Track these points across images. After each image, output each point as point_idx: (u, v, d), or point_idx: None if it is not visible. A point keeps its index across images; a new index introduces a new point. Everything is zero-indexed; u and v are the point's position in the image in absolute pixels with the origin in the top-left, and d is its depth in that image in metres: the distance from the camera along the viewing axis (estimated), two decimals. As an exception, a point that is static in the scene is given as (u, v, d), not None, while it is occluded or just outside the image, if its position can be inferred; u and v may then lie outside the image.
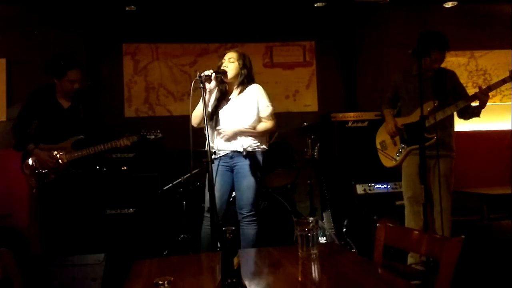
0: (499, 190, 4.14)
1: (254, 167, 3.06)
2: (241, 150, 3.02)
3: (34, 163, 3.39)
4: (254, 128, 3.07)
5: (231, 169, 3.10)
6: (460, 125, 3.55)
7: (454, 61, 5.11)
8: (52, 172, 3.40)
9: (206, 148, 3.01)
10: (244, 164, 3.05)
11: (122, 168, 4.18)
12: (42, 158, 3.36)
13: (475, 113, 3.38)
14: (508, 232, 3.51)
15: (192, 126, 3.01)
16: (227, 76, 2.99)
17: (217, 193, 2.91)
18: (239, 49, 3.20)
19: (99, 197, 3.88)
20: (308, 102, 5.20)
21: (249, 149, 3.04)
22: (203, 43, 4.99)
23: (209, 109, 3.07)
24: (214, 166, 3.06)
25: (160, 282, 1.05)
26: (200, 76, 2.79)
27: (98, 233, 3.71)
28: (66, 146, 3.46)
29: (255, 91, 3.11)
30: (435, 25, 4.97)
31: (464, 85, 3.60)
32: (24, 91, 4.55)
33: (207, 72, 2.84)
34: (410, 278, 1.53)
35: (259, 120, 3.10)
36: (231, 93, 3.13)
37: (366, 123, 4.44)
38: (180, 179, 4.13)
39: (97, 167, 3.88)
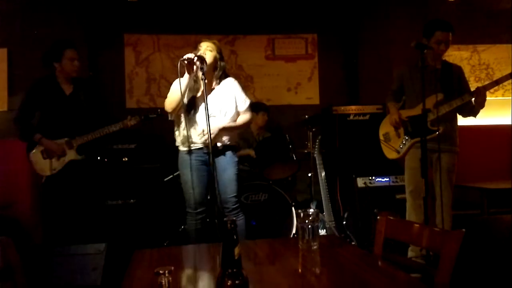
0: (500, 185, 4.14)
1: (232, 160, 3.05)
2: (219, 145, 2.99)
3: (42, 152, 3.44)
4: (235, 121, 3.07)
5: (206, 163, 3.02)
6: (461, 119, 3.55)
7: (457, 55, 5.09)
8: (59, 160, 3.44)
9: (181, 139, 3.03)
10: (221, 159, 3.01)
11: (123, 159, 4.18)
12: (50, 146, 3.42)
13: (473, 111, 3.37)
14: (508, 227, 3.52)
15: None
16: (205, 62, 2.81)
17: (196, 189, 2.91)
18: (216, 41, 3.11)
19: (101, 188, 3.88)
20: (310, 95, 5.20)
21: (226, 143, 3.03)
22: (205, 34, 4.96)
23: (185, 98, 2.97)
24: (184, 161, 3.04)
25: (160, 271, 1.05)
26: (184, 59, 2.77)
27: (99, 223, 3.71)
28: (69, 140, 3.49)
29: (232, 85, 3.08)
30: (438, 19, 4.96)
31: (467, 79, 3.59)
32: (25, 81, 4.54)
33: (189, 55, 2.80)
34: (410, 271, 1.53)
35: (237, 114, 3.08)
36: (208, 85, 3.01)
37: (367, 117, 4.43)
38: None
39: (99, 158, 3.87)
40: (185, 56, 2.80)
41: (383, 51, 5.01)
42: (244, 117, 3.10)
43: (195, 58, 2.79)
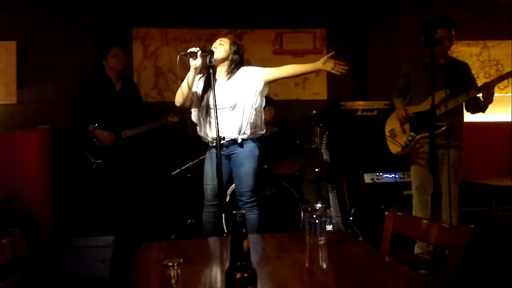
0: (508, 182, 4.11)
1: (251, 154, 3.02)
2: (237, 137, 2.98)
3: (95, 141, 3.83)
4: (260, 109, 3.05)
5: (227, 157, 3.06)
6: (469, 116, 3.53)
7: (466, 51, 5.05)
8: (110, 149, 3.83)
9: (203, 135, 3.06)
10: (240, 152, 3.01)
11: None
12: (102, 136, 3.80)
13: (481, 107, 3.35)
14: (516, 224, 3.50)
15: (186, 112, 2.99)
16: (213, 56, 2.82)
17: (215, 182, 2.89)
18: (232, 36, 3.09)
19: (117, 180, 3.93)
20: (318, 90, 5.18)
21: (244, 136, 3.00)
22: (213, 28, 4.97)
23: (195, 89, 3.00)
24: (209, 155, 3.08)
25: (169, 263, 1.06)
26: (185, 53, 2.75)
27: (107, 216, 3.75)
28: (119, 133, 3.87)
29: (244, 71, 3.03)
30: (448, 14, 4.90)
31: (476, 75, 3.58)
32: (34, 74, 4.60)
33: (192, 49, 2.77)
34: (417, 267, 1.53)
35: (261, 99, 3.04)
36: (219, 79, 3.03)
37: (375, 112, 4.41)
38: (188, 165, 4.14)
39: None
40: (188, 50, 2.78)
41: (391, 47, 4.97)
42: (288, 66, 3.04)
43: (199, 52, 2.78)
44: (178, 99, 2.96)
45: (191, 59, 2.81)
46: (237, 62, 3.02)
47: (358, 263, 1.54)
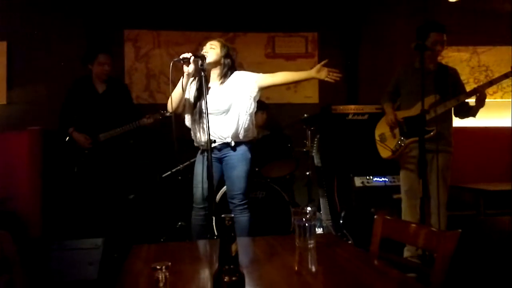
0: (498, 186, 4.15)
1: (243, 157, 3.05)
2: (229, 141, 2.99)
3: (74, 143, 3.80)
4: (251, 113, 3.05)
5: (219, 161, 3.08)
6: (460, 121, 3.56)
7: (456, 57, 5.10)
8: (89, 150, 3.81)
9: (195, 138, 3.06)
10: (233, 155, 3.03)
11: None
12: (78, 139, 3.79)
13: (471, 112, 3.39)
14: (504, 228, 3.54)
15: (176, 115, 2.93)
16: (205, 60, 2.83)
17: (205, 185, 2.88)
18: (223, 39, 3.10)
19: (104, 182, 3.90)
20: (309, 93, 5.19)
21: (238, 140, 3.01)
22: (205, 31, 4.96)
23: (187, 95, 3.00)
24: (200, 158, 3.08)
25: (157, 266, 1.05)
26: (178, 59, 2.76)
27: (96, 218, 3.73)
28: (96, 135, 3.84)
29: (238, 76, 3.02)
30: (438, 19, 4.95)
31: (466, 81, 3.62)
32: (24, 75, 4.57)
33: (185, 55, 2.77)
34: (406, 271, 1.54)
35: (254, 103, 3.04)
36: (212, 83, 3.04)
37: (366, 116, 4.43)
38: (178, 167, 4.13)
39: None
40: (181, 56, 2.78)
41: (383, 51, 5.01)
42: (280, 73, 3.03)
43: (192, 58, 2.78)
44: (171, 105, 2.92)
45: (184, 65, 2.81)
46: (229, 65, 3.03)
47: (347, 267, 1.55)
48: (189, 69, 2.82)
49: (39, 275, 3.02)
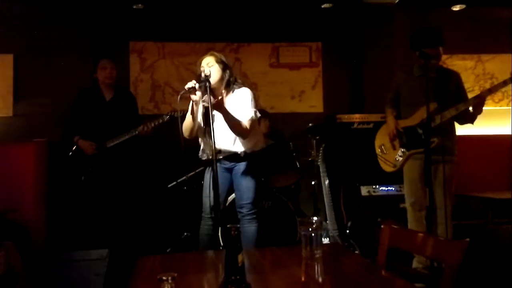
0: (504, 195, 4.10)
1: (253, 168, 3.08)
2: (239, 152, 3.03)
3: (79, 152, 3.80)
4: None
5: (229, 170, 3.11)
6: (467, 129, 3.52)
7: (461, 65, 5.09)
8: (95, 158, 3.79)
9: (203, 152, 3.10)
10: (242, 165, 3.06)
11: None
12: (83, 146, 3.79)
13: (469, 119, 3.30)
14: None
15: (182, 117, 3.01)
16: (210, 81, 2.83)
17: (213, 194, 2.89)
18: (213, 52, 3.07)
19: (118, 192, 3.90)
20: (314, 103, 5.20)
21: (247, 151, 3.04)
22: (210, 42, 5.00)
23: (199, 119, 3.03)
24: (210, 168, 3.09)
25: (164, 277, 1.05)
26: (184, 91, 2.78)
27: (101, 229, 3.72)
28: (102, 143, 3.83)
29: (243, 95, 3.02)
30: (443, 28, 4.95)
31: (471, 88, 3.58)
32: (30, 87, 4.60)
33: (190, 84, 2.78)
34: (414, 281, 1.52)
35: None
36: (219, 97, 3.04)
37: (371, 125, 4.42)
38: (184, 177, 4.13)
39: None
40: (186, 87, 2.79)
41: (387, 59, 5.01)
42: (242, 124, 2.98)
43: (197, 85, 2.79)
44: (186, 132, 3.02)
45: (190, 95, 2.83)
46: (229, 76, 3.03)
47: (354, 277, 1.53)
48: (196, 97, 2.84)
49: (44, 287, 3.01)
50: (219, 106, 2.82)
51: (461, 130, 3.49)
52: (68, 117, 3.93)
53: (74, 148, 3.82)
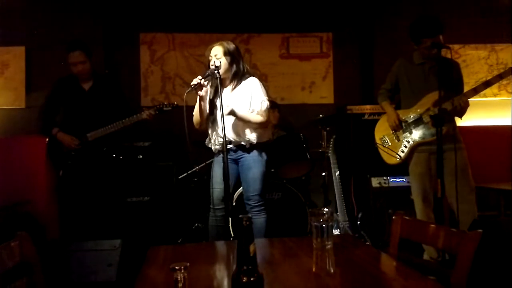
0: (506, 186, 4.03)
1: (259, 158, 3.08)
2: (245, 143, 3.04)
3: (59, 145, 3.60)
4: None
5: (235, 162, 3.11)
6: (474, 120, 3.44)
7: (474, 54, 5.03)
8: (76, 152, 3.60)
9: (210, 141, 3.13)
10: (248, 156, 3.06)
11: (138, 156, 4.21)
12: (63, 140, 3.58)
13: (460, 112, 3.22)
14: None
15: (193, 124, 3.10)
16: (219, 73, 2.84)
17: (222, 186, 2.91)
18: (222, 42, 3.06)
19: (118, 185, 3.90)
20: (324, 94, 5.17)
21: (253, 141, 3.04)
22: (219, 33, 4.98)
23: (207, 111, 3.07)
24: (217, 160, 3.13)
25: (176, 267, 1.06)
26: (191, 88, 2.82)
27: (114, 220, 3.75)
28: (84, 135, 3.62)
29: (251, 84, 3.04)
30: (455, 17, 4.89)
31: (484, 78, 3.51)
32: (43, 79, 4.63)
33: (195, 81, 2.82)
34: (425, 273, 1.52)
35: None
36: (225, 88, 3.08)
37: (382, 116, 4.37)
38: (194, 169, 4.15)
39: (114, 155, 3.90)
40: (192, 84, 2.83)
41: (398, 50, 4.94)
42: (256, 117, 3.00)
43: (202, 81, 2.83)
44: (196, 124, 3.11)
45: (197, 91, 2.90)
46: (237, 67, 3.03)
47: (365, 268, 1.53)
48: (202, 92, 2.92)
49: (58, 277, 3.05)
50: (231, 112, 2.88)
51: (472, 121, 3.43)
52: (43, 108, 3.73)
53: (50, 140, 3.63)
